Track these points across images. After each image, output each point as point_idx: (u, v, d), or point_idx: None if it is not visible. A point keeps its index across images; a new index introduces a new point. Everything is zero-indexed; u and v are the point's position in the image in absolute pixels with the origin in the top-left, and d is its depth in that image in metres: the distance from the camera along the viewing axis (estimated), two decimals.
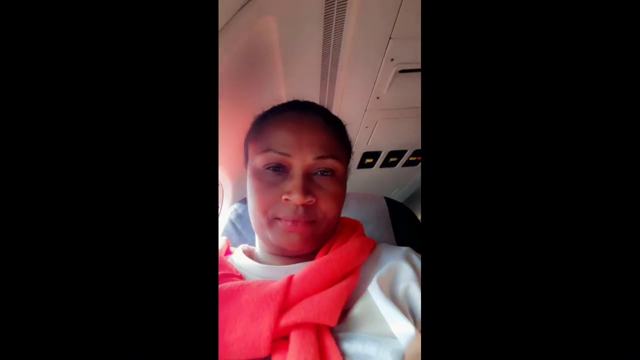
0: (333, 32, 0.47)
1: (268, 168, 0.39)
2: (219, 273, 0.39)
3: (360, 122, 0.76)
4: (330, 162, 0.39)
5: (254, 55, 0.45)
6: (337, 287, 0.33)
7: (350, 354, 0.29)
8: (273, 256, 0.43)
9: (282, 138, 0.38)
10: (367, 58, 0.54)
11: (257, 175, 0.39)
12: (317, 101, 0.64)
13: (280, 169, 0.39)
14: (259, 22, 0.40)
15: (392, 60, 0.56)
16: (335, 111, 0.69)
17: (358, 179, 1.22)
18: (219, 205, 0.72)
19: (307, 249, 0.40)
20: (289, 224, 0.38)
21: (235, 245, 0.51)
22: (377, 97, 0.67)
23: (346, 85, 0.61)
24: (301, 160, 0.37)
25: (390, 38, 0.50)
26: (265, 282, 0.34)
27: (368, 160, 1.03)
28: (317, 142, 0.38)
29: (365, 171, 1.14)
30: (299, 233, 0.38)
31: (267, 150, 0.38)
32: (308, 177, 0.38)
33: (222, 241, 0.50)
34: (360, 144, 0.92)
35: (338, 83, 0.60)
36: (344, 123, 0.47)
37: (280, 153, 0.38)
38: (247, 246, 0.49)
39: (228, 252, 0.50)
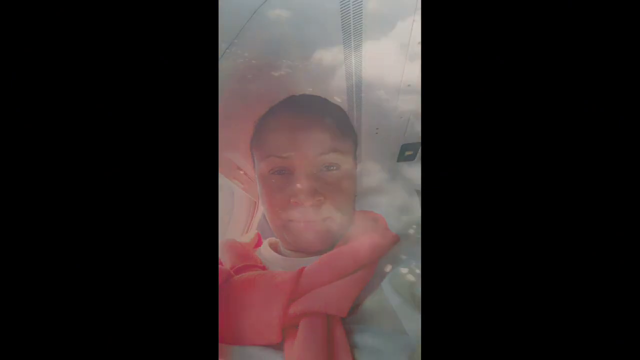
0: (352, 20, 0.46)
1: (273, 173, 0.39)
2: (244, 264, 0.41)
3: (392, 112, 0.73)
4: (332, 157, 0.38)
5: (271, 55, 0.46)
6: (347, 279, 0.33)
7: (360, 346, 0.29)
8: (293, 252, 0.44)
9: (280, 142, 0.39)
10: (392, 41, 0.52)
11: (264, 181, 0.41)
12: (344, 95, 0.63)
13: (284, 172, 0.39)
14: (269, 20, 0.41)
15: (419, 43, 0.52)
16: (365, 101, 0.67)
17: (402, 171, 1.17)
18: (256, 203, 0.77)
19: (324, 245, 0.40)
20: (302, 224, 0.38)
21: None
22: (408, 85, 0.64)
23: (372, 75, 0.59)
24: (302, 160, 0.38)
25: (414, 21, 0.47)
26: (280, 273, 0.35)
27: (408, 153, 0.98)
28: (315, 139, 0.38)
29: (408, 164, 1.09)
30: (314, 232, 0.38)
31: (269, 156, 0.39)
32: (313, 176, 0.38)
33: (252, 234, 0.53)
34: (397, 136, 0.88)
35: (364, 73, 0.58)
36: (343, 109, 0.45)
37: (281, 157, 0.38)
38: (274, 239, 0.50)
39: (259, 244, 0.52)
